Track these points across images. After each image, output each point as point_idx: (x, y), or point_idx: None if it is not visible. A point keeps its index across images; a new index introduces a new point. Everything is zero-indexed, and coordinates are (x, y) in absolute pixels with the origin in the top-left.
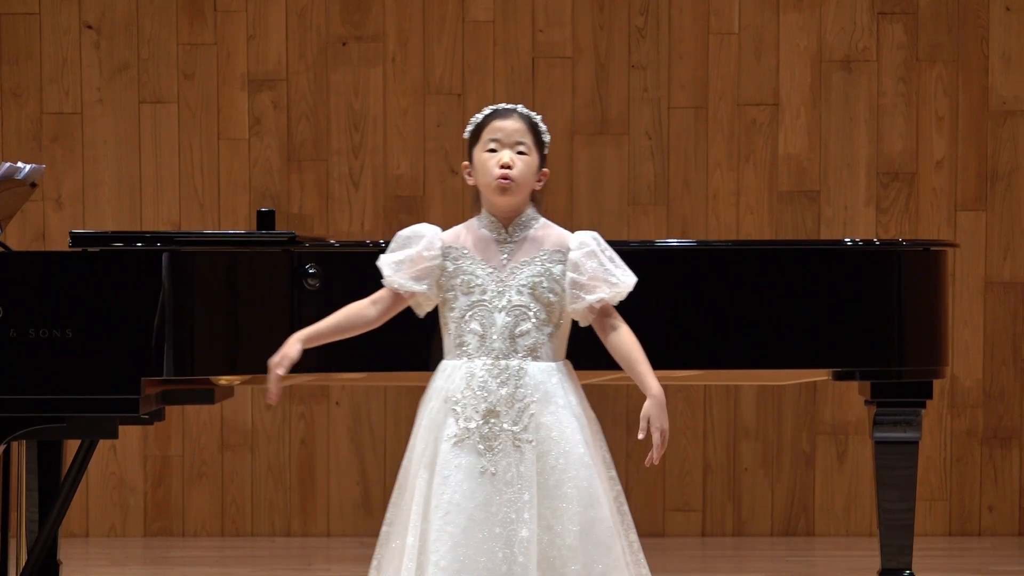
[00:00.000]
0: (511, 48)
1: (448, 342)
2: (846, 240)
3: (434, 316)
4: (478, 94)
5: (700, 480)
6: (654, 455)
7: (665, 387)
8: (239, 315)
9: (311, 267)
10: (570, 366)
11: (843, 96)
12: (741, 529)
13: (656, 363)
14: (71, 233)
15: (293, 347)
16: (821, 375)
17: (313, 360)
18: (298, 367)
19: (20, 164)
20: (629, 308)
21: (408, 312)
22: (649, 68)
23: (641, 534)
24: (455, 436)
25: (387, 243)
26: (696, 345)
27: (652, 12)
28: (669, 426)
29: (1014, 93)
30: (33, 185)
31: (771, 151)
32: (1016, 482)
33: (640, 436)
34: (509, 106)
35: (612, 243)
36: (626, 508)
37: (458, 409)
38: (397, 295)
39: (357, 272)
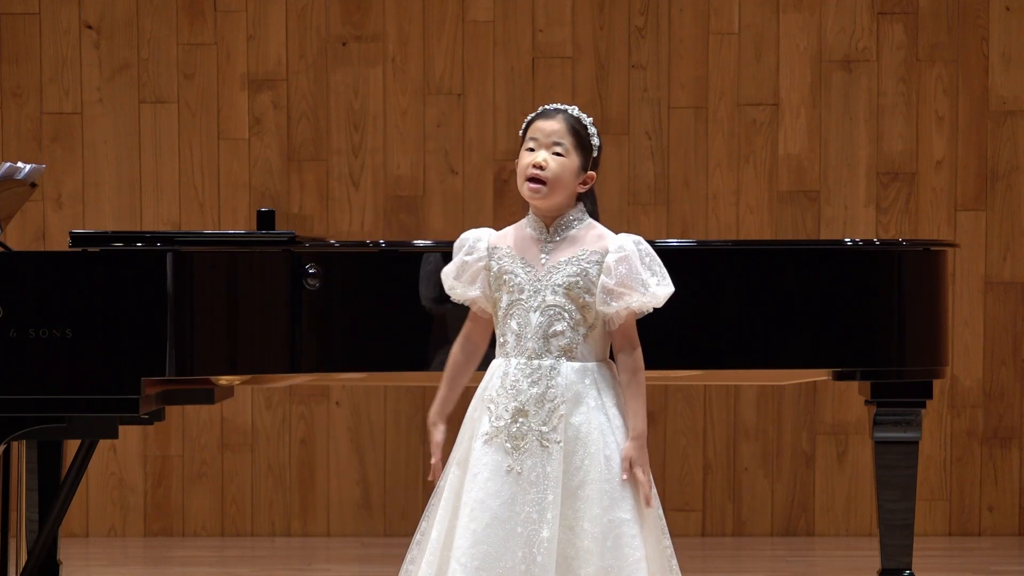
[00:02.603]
0: (511, 48)
1: (497, 341)
2: (846, 240)
3: (428, 316)
4: (478, 94)
5: (700, 480)
6: (647, 497)
7: (665, 387)
8: (239, 315)
9: (311, 267)
10: (612, 367)
11: (843, 96)
12: (741, 529)
13: (657, 363)
14: (71, 233)
15: (438, 432)
16: (821, 375)
17: (313, 360)
18: (298, 367)
19: (20, 164)
20: None
21: (407, 312)
22: (649, 68)
23: None
24: (486, 434)
25: (387, 243)
26: (696, 345)
27: (652, 12)
28: (649, 465)
29: (1014, 93)
30: (33, 185)
31: (771, 151)
32: (1016, 482)
33: (623, 477)
34: (557, 106)
35: None
36: (661, 512)
37: (491, 407)
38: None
39: (357, 272)
